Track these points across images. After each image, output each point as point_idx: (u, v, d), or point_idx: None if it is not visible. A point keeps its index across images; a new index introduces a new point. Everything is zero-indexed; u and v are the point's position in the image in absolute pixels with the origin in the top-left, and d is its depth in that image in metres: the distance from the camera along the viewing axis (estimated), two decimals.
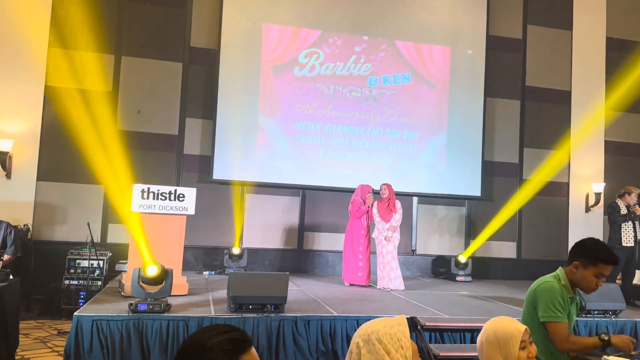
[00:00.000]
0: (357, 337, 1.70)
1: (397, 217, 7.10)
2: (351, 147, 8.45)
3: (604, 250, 2.58)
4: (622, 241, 6.89)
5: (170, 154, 7.91)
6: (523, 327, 2.01)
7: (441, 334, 4.89)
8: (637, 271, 7.83)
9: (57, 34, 7.35)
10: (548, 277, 2.67)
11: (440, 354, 4.47)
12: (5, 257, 5.24)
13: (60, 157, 7.32)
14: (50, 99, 7.34)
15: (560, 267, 2.73)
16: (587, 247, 2.61)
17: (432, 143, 8.78)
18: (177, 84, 7.99)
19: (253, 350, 1.34)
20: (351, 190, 7.75)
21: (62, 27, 7.33)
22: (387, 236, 6.98)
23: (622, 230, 6.93)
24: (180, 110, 7.97)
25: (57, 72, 7.35)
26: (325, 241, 8.41)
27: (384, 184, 7.27)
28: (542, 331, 2.55)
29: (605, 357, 2.52)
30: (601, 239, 9.44)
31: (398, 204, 7.19)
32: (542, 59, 9.39)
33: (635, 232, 6.91)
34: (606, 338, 2.50)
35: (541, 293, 2.59)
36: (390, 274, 6.91)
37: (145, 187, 5.58)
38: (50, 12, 7.38)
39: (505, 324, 2.03)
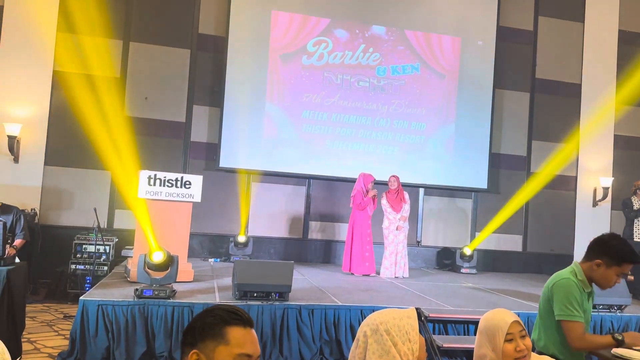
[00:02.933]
0: (365, 327, 1.70)
1: (407, 207, 7.32)
2: (358, 137, 8.42)
3: (630, 250, 2.52)
4: (634, 236, 6.93)
5: (177, 141, 7.92)
6: (511, 319, 1.96)
7: (445, 325, 4.89)
8: None
9: (65, 19, 7.34)
10: (565, 273, 2.60)
11: (443, 345, 4.48)
12: (17, 241, 5.30)
13: (67, 142, 7.34)
14: (58, 84, 7.35)
15: (576, 261, 2.66)
16: (612, 247, 2.53)
17: (439, 134, 8.73)
18: (184, 71, 7.97)
19: (247, 330, 1.40)
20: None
21: (70, 12, 7.30)
22: (399, 226, 7.16)
23: (635, 226, 7.00)
24: (187, 98, 7.96)
25: (66, 57, 7.34)
26: (330, 231, 8.42)
27: (393, 176, 7.34)
28: (557, 327, 2.53)
29: (614, 350, 2.51)
30: (608, 230, 9.40)
31: (406, 195, 7.41)
32: (552, 51, 9.29)
33: None
34: (620, 338, 2.48)
35: (558, 290, 2.55)
36: (401, 262, 7.15)
37: (152, 173, 5.60)
38: None
39: (494, 316, 2.00)
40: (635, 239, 6.93)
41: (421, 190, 8.74)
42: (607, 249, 2.53)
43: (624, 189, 9.11)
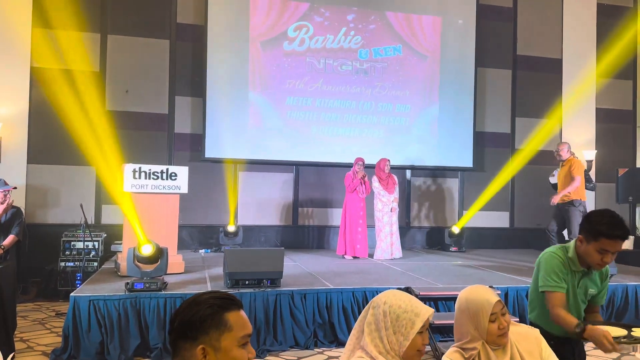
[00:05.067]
0: (375, 298, 1.78)
1: (397, 188, 7.53)
2: (343, 121, 8.42)
3: (608, 223, 2.32)
4: None
5: (161, 134, 7.85)
6: (495, 298, 1.96)
7: (436, 302, 4.96)
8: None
9: (40, 14, 7.20)
10: (554, 247, 2.54)
11: (435, 322, 4.54)
12: (8, 238, 5.32)
13: (49, 139, 7.25)
14: (36, 81, 7.24)
15: (576, 239, 2.54)
16: (590, 222, 2.39)
17: (424, 115, 8.75)
18: (164, 62, 7.88)
19: (241, 313, 1.43)
20: (345, 165, 7.78)
21: (45, 7, 7.16)
22: (393, 207, 7.35)
23: None
24: (169, 89, 7.88)
25: (43, 53, 7.22)
26: (320, 216, 8.44)
27: (386, 159, 7.41)
28: (542, 299, 2.51)
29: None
30: (592, 206, 9.53)
31: (395, 177, 7.59)
32: (532, 27, 9.32)
33: None
34: (578, 330, 2.31)
35: (541, 263, 2.51)
36: (396, 242, 7.33)
37: (137, 166, 5.57)
38: None
39: (477, 295, 1.99)
40: None
41: (408, 172, 8.79)
42: (586, 224, 2.41)
43: (608, 161, 9.25)
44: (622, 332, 2.35)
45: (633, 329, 2.38)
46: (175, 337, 1.39)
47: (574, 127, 9.28)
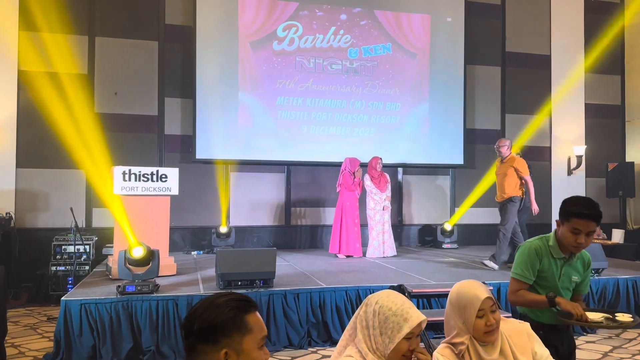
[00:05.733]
0: (371, 296, 1.79)
1: (389, 187, 7.55)
2: (334, 120, 8.42)
3: (579, 204, 2.41)
4: None
5: (151, 135, 7.81)
6: (484, 295, 1.96)
7: (428, 299, 4.98)
8: (617, 230, 8.00)
9: (26, 16, 7.14)
10: (534, 238, 2.60)
11: (427, 319, 4.54)
12: None
13: (38, 143, 7.20)
14: (24, 84, 7.17)
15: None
16: (564, 204, 2.48)
17: (414, 113, 8.77)
18: (153, 64, 7.84)
19: (258, 314, 1.44)
20: (336, 164, 7.77)
21: (31, 9, 7.11)
22: (385, 206, 7.35)
23: None
24: (158, 90, 7.84)
25: (30, 57, 7.16)
26: (315, 216, 8.44)
27: (378, 158, 7.43)
28: (531, 287, 2.55)
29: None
30: None
31: (387, 175, 7.62)
32: (521, 24, 9.37)
33: None
34: (552, 295, 2.42)
35: (517, 252, 2.59)
36: (388, 241, 7.32)
37: (127, 169, 5.53)
38: None
39: (468, 289, 1.99)
40: None
41: (400, 170, 8.80)
42: (561, 208, 2.49)
43: (598, 156, 9.32)
44: (604, 315, 2.44)
45: (616, 314, 2.45)
46: (195, 341, 1.36)
47: (563, 123, 9.34)
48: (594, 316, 2.42)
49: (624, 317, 2.42)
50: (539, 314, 2.53)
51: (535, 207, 6.43)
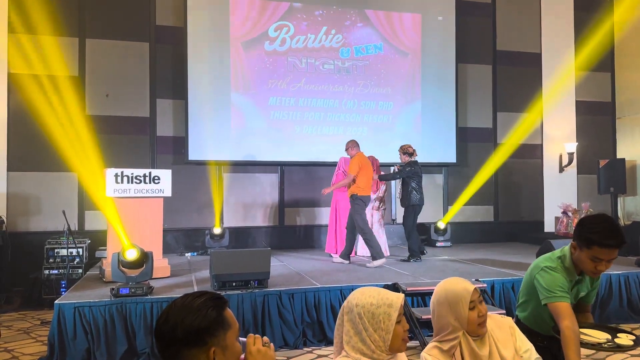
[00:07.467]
0: (345, 303, 1.77)
1: (383, 187, 7.53)
2: (327, 120, 8.42)
3: (601, 231, 2.18)
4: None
5: (143, 137, 7.78)
6: (472, 287, 1.99)
7: (423, 297, 4.99)
8: None
9: (16, 19, 7.09)
10: (549, 259, 2.39)
11: (422, 317, 4.57)
12: None
13: (29, 146, 7.15)
14: (14, 87, 7.13)
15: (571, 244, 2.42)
16: (583, 228, 2.25)
17: (406, 112, 8.79)
18: (145, 65, 7.81)
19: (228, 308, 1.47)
20: (329, 164, 7.78)
21: (21, 12, 7.06)
22: (374, 205, 7.32)
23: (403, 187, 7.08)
24: (150, 92, 7.81)
25: (20, 59, 7.11)
26: (309, 215, 8.43)
27: (372, 157, 7.42)
28: (537, 299, 2.42)
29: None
30: (575, 197, 9.57)
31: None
32: (511, 22, 9.41)
33: None
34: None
35: (542, 277, 2.36)
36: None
37: (119, 171, 5.51)
38: None
39: (455, 285, 2.01)
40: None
41: (392, 169, 8.79)
42: (578, 230, 2.27)
43: (589, 153, 9.38)
44: (606, 336, 2.32)
45: (618, 335, 2.33)
46: (180, 348, 1.35)
47: (554, 121, 9.40)
48: (597, 334, 2.32)
49: (626, 338, 2.30)
50: (541, 326, 2.48)
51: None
